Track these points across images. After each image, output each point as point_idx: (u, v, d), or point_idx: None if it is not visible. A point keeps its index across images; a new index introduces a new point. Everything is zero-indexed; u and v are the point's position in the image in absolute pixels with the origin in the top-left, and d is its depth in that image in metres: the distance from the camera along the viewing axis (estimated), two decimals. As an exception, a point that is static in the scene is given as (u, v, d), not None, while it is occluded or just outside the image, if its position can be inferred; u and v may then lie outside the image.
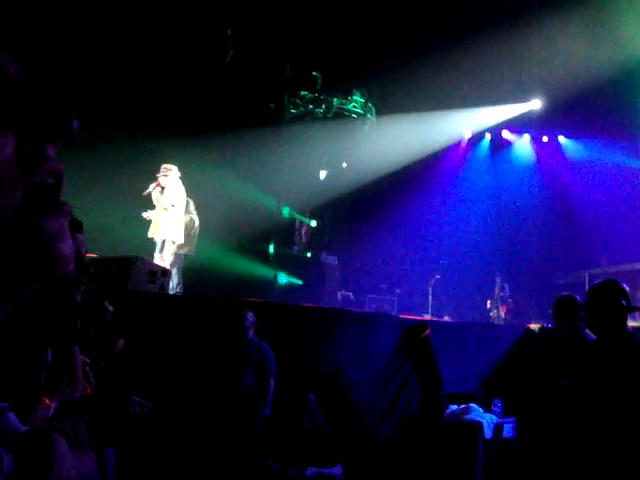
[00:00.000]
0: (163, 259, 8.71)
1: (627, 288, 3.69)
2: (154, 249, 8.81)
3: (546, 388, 4.45)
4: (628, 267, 10.90)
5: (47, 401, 2.14)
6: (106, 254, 8.12)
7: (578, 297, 5.08)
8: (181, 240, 9.01)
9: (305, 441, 5.79)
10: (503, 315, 12.16)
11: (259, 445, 6.03)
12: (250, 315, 6.55)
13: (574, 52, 12.14)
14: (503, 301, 12.38)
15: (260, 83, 12.57)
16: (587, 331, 4.69)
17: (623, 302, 3.61)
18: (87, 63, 10.40)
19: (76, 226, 2.49)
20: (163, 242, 8.77)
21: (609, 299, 3.62)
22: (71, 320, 2.44)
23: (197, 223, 9.60)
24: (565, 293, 5.32)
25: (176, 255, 9.03)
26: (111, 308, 4.96)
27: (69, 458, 1.62)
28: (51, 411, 2.17)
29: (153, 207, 8.96)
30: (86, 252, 2.43)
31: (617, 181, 13.42)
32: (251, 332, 6.55)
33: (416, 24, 12.39)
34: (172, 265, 8.80)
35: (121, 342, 4.87)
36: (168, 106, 11.36)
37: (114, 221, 9.98)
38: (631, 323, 8.66)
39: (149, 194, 8.87)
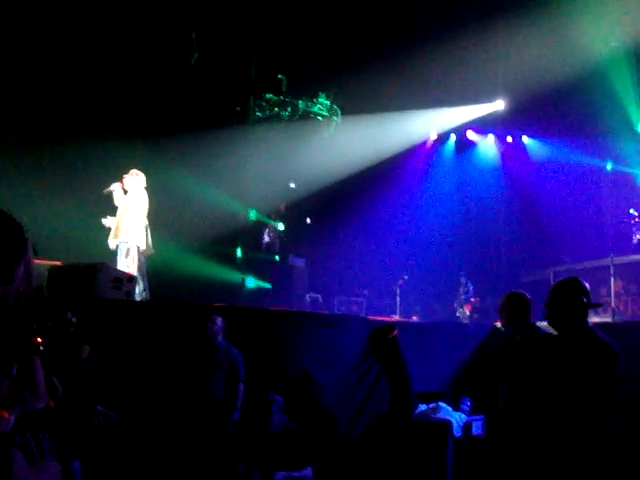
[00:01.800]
0: (128, 265, 8.61)
1: (588, 286, 3.77)
2: (117, 255, 8.68)
3: (511, 385, 4.51)
4: (592, 264, 11.05)
5: (5, 414, 2.10)
6: (70, 261, 8.01)
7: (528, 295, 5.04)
8: (144, 245, 8.91)
9: (274, 444, 5.78)
10: (468, 313, 12.28)
11: (229, 449, 6.01)
12: (219, 320, 6.53)
13: (536, 53, 12.32)
14: (467, 301, 12.50)
15: (225, 86, 12.51)
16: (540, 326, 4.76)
17: (584, 299, 3.69)
18: (51, 66, 10.25)
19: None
20: (128, 248, 8.66)
21: (570, 296, 3.70)
22: (26, 329, 2.38)
23: (145, 223, 9.40)
24: (512, 291, 5.28)
25: (139, 260, 8.91)
26: (74, 319, 4.87)
27: (27, 473, 1.58)
28: (10, 424, 2.12)
29: (113, 213, 8.84)
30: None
31: (580, 180, 13.65)
32: (220, 337, 6.53)
33: (380, 26, 12.45)
34: (137, 270, 8.69)
35: (86, 349, 4.80)
36: (133, 109, 11.25)
37: (78, 228, 9.84)
38: (594, 319, 8.81)
39: (109, 193, 8.78)
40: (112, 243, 8.72)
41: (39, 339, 2.45)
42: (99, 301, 6.74)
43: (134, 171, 8.93)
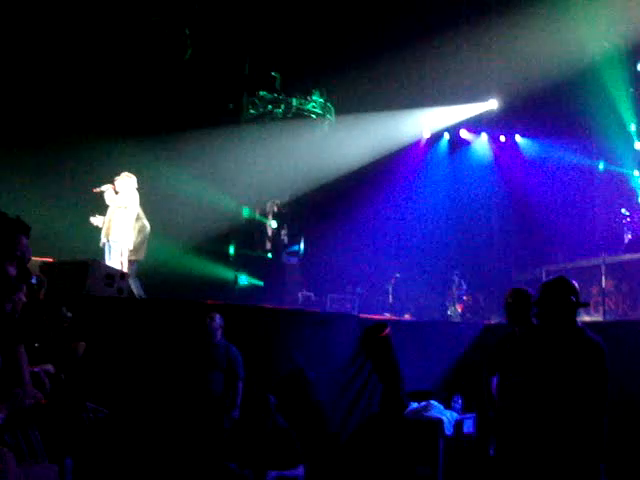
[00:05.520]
0: (119, 264, 8.60)
1: (577, 285, 3.78)
2: (104, 253, 8.69)
3: (501, 384, 4.53)
4: (583, 263, 11.10)
5: (-6, 411, 2.09)
6: (62, 258, 7.99)
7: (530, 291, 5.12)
8: (131, 246, 8.92)
9: (266, 443, 5.79)
10: (460, 312, 12.29)
11: (224, 447, 6.00)
12: (218, 317, 6.52)
13: (529, 53, 12.33)
14: (459, 299, 12.49)
15: (219, 83, 12.48)
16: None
17: (573, 298, 3.70)
18: (44, 65, 10.21)
19: (22, 229, 2.38)
20: (117, 247, 8.67)
21: (559, 295, 3.71)
22: (7, 321, 2.34)
23: (148, 228, 9.49)
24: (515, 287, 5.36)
25: (128, 262, 8.93)
26: (69, 314, 4.88)
27: (16, 472, 1.58)
28: (0, 422, 2.12)
29: (104, 211, 8.87)
30: (29, 259, 2.33)
31: (572, 179, 13.69)
32: (219, 334, 6.52)
33: (374, 24, 12.46)
34: (127, 269, 8.69)
35: (82, 345, 4.80)
36: (124, 106, 11.21)
37: (72, 226, 9.82)
38: (586, 318, 8.85)
39: (100, 192, 8.82)
40: (102, 242, 8.76)
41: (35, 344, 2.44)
42: (91, 298, 6.73)
43: (125, 173, 9.03)
